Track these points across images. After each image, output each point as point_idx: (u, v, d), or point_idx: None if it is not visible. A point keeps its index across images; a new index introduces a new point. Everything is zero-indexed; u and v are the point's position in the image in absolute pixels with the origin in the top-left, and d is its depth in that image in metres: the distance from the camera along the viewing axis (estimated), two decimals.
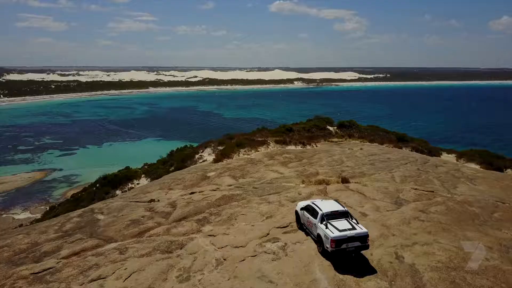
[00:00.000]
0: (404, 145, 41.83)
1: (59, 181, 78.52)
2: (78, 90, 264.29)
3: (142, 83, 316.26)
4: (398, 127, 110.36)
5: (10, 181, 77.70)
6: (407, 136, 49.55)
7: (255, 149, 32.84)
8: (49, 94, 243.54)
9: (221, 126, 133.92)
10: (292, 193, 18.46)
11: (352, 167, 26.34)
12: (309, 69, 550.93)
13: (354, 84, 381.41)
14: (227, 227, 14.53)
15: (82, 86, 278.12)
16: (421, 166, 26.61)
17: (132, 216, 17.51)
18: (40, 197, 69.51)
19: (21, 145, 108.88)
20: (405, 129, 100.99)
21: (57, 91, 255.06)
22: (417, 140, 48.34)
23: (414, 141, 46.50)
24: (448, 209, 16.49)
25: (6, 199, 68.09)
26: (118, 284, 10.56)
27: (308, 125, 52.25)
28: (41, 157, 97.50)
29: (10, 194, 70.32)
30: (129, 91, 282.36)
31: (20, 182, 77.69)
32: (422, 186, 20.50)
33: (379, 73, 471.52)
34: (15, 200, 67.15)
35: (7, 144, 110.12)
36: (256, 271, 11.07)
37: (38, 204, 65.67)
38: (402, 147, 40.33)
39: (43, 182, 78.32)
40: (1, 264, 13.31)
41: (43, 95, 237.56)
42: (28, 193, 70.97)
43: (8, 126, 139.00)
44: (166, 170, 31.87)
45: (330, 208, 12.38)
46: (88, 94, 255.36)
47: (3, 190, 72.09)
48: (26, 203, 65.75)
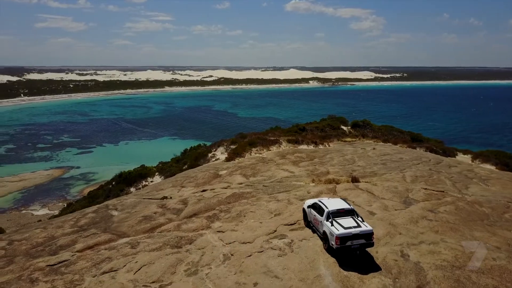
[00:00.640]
0: (418, 145, 41.50)
1: (76, 179, 79.97)
2: (95, 90, 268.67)
3: (158, 82, 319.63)
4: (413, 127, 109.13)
5: (29, 178, 79.52)
6: (422, 136, 49.16)
7: (267, 148, 33.10)
8: (68, 93, 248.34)
9: (235, 125, 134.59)
10: (301, 191, 18.67)
11: (363, 166, 26.38)
12: (325, 69, 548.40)
13: (370, 84, 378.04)
14: (235, 224, 14.86)
15: (100, 86, 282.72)
16: (433, 167, 26.47)
17: (144, 212, 17.97)
18: (58, 194, 70.96)
19: (40, 143, 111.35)
20: (421, 129, 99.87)
21: (75, 90, 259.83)
22: (432, 141, 47.89)
23: (429, 141, 46.10)
24: (457, 209, 16.47)
25: (26, 195, 69.74)
26: (129, 276, 10.98)
27: (321, 124, 52.30)
28: (59, 155, 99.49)
29: (29, 191, 72.03)
30: (145, 90, 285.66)
31: (39, 179, 79.42)
32: (432, 186, 20.45)
33: (395, 72, 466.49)
34: (34, 197, 68.74)
35: (27, 142, 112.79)
36: (262, 266, 11.35)
37: (56, 200, 67.12)
38: (416, 147, 40.01)
39: (61, 179, 79.87)
40: (20, 256, 13.89)
41: (62, 94, 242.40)
42: (46, 190, 72.54)
43: (28, 124, 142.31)
44: (180, 168, 32.42)
45: (336, 206, 12.57)
46: (105, 93, 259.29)
47: (23, 187, 73.86)
48: (44, 200, 67.26)
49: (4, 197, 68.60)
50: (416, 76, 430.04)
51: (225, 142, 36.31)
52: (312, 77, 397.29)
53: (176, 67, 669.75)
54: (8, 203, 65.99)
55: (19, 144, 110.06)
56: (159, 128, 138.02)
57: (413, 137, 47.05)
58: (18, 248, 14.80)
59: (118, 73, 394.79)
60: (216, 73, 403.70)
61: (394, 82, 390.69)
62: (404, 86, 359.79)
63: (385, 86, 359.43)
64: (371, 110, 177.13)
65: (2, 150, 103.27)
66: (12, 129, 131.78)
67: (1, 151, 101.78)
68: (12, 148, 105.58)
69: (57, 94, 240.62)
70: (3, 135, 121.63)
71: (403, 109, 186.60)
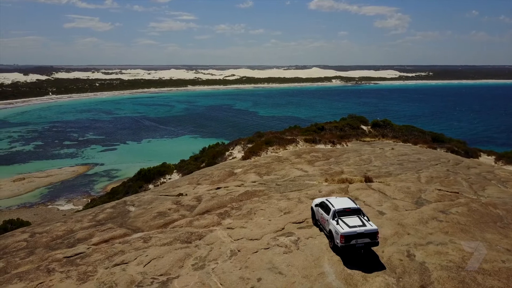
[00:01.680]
0: (439, 145, 40.83)
1: (100, 175, 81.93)
2: (120, 88, 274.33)
3: (181, 81, 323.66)
4: (437, 127, 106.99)
5: (56, 174, 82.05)
6: (443, 137, 48.24)
7: (283, 147, 33.29)
8: (93, 91, 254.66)
9: (255, 124, 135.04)
10: (313, 190, 18.84)
11: (379, 166, 26.26)
12: (348, 67, 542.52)
13: (394, 83, 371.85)
14: (245, 221, 15.19)
15: (124, 84, 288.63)
16: (451, 168, 26.10)
17: (159, 208, 18.54)
18: (82, 190, 72.94)
19: (67, 140, 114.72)
20: (444, 129, 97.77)
21: (101, 89, 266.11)
22: (454, 141, 46.93)
23: (451, 142, 45.21)
24: (470, 210, 16.29)
25: (52, 191, 72.01)
26: (138, 269, 11.47)
27: (341, 124, 52.05)
28: (84, 152, 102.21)
29: (56, 186, 74.30)
30: (168, 89, 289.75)
31: (65, 175, 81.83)
32: (447, 187, 20.23)
33: (421, 71, 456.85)
34: (60, 192, 70.90)
35: (54, 139, 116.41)
36: (267, 263, 11.63)
37: (80, 196, 69.09)
38: (436, 147, 39.39)
39: (86, 175, 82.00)
40: (40, 248, 14.64)
41: (88, 93, 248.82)
42: (71, 186, 74.69)
43: (55, 122, 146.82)
44: (198, 166, 33.00)
45: (342, 205, 12.72)
46: (129, 92, 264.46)
47: (49, 183, 76.28)
48: (69, 195, 69.29)
49: (32, 192, 71.10)
50: (442, 75, 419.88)
51: (242, 140, 36.71)
52: (335, 76, 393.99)
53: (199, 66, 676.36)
54: (36, 198, 68.35)
55: (46, 141, 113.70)
56: (181, 126, 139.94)
57: (434, 137, 46.25)
58: (39, 240, 15.58)
59: (142, 72, 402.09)
60: (238, 72, 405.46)
61: (419, 81, 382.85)
62: (429, 85, 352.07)
63: (409, 85, 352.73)
64: (394, 110, 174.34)
65: (31, 146, 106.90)
66: (40, 127, 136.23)
67: (30, 148, 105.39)
68: (40, 144, 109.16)
69: (83, 93, 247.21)
70: (32, 132, 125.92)
71: (427, 108, 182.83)
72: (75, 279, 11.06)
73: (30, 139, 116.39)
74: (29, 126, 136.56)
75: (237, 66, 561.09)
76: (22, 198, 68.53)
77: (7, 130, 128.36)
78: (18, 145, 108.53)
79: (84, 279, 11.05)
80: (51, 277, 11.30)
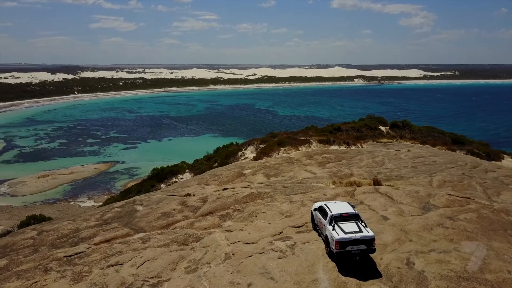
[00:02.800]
0: (458, 147, 39.69)
1: (121, 173, 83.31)
2: (143, 87, 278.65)
3: (203, 80, 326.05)
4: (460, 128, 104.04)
5: (78, 171, 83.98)
6: (464, 138, 46.83)
7: (296, 148, 33.01)
8: (117, 90, 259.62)
9: (274, 123, 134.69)
10: (318, 193, 18.56)
11: (391, 169, 25.70)
12: (371, 66, 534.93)
13: (418, 82, 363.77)
14: (245, 224, 15.10)
15: (147, 83, 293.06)
16: (467, 171, 25.28)
17: (164, 209, 18.67)
18: (103, 187, 74.36)
19: (90, 138, 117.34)
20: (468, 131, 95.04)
21: (124, 88, 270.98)
22: (476, 143, 45.50)
23: (472, 144, 43.84)
24: (479, 217, 15.69)
25: (75, 187, 73.75)
26: (131, 271, 11.55)
27: (358, 124, 51.28)
28: (107, 149, 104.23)
29: (78, 183, 76.06)
30: (190, 88, 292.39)
31: (87, 172, 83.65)
32: (459, 192, 19.58)
33: (446, 70, 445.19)
34: (82, 189, 72.55)
35: (78, 137, 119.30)
36: (260, 267, 11.50)
37: (101, 193, 70.47)
38: (456, 149, 38.31)
39: (107, 173, 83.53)
40: (45, 246, 14.97)
41: (112, 92, 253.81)
42: (93, 183, 76.28)
43: (79, 120, 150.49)
44: (210, 166, 33.13)
45: (340, 210, 12.46)
46: (152, 91, 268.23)
47: (72, 180, 78.18)
48: (91, 192, 70.81)
49: (56, 189, 73.04)
50: (469, 74, 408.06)
51: (255, 141, 36.63)
52: (357, 75, 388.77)
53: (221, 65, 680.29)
54: (59, 195, 70.17)
55: (71, 138, 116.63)
56: (201, 125, 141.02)
57: (454, 139, 44.95)
58: (45, 239, 15.93)
59: (165, 71, 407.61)
60: (259, 72, 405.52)
61: (445, 81, 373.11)
62: (454, 84, 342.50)
63: (434, 84, 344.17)
64: (416, 110, 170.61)
65: (56, 144, 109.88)
66: (65, 125, 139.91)
67: (55, 145, 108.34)
68: (65, 142, 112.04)
69: (107, 92, 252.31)
70: (58, 130, 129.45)
71: (451, 109, 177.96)
72: (69, 279, 11.24)
73: (55, 136, 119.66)
74: (55, 124, 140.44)
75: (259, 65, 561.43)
76: (46, 194, 70.48)
77: (34, 128, 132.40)
78: (43, 142, 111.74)
79: (77, 280, 11.21)
80: (46, 276, 11.52)
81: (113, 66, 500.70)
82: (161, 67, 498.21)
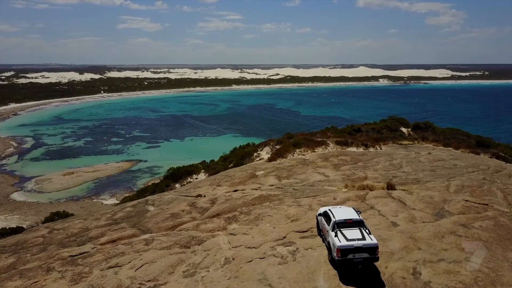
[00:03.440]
0: (483, 150, 38.26)
1: (143, 172, 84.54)
2: (167, 87, 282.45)
3: (226, 80, 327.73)
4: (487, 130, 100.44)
5: (102, 170, 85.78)
6: (490, 141, 45.15)
7: (312, 150, 32.56)
8: (142, 90, 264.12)
9: (296, 123, 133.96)
10: (328, 197, 18.14)
11: (408, 172, 24.94)
12: (397, 66, 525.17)
13: (445, 82, 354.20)
14: (250, 227, 14.87)
15: (171, 83, 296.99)
16: (489, 175, 24.24)
17: (174, 209, 18.68)
18: (126, 185, 75.64)
19: (114, 137, 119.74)
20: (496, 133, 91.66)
21: (149, 87, 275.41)
22: (502, 146, 43.79)
23: (498, 147, 42.22)
24: (496, 225, 14.94)
25: (98, 185, 75.38)
26: (130, 273, 11.52)
27: (378, 125, 50.26)
28: (130, 148, 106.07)
29: (101, 181, 77.69)
30: (213, 88, 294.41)
31: (110, 170, 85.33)
32: (478, 197, 18.75)
33: (475, 70, 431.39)
34: (105, 187, 74.05)
35: (102, 135, 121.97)
36: (259, 273, 11.24)
37: (123, 191, 71.68)
38: (480, 152, 36.94)
39: (130, 171, 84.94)
40: (53, 245, 15.21)
41: (136, 91, 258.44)
42: (116, 181, 77.73)
43: (105, 119, 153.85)
44: (225, 167, 33.10)
45: (344, 216, 12.07)
46: (176, 91, 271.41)
47: (96, 177, 79.94)
48: (113, 190, 72.16)
49: (80, 186, 74.87)
50: (500, 74, 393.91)
51: (271, 142, 36.39)
52: (382, 75, 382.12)
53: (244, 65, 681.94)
54: (82, 192, 71.89)
55: (96, 137, 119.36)
56: (223, 125, 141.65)
57: (479, 142, 43.37)
58: (55, 237, 16.19)
59: (189, 71, 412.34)
60: (283, 71, 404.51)
61: (474, 81, 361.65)
62: (484, 85, 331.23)
63: (462, 85, 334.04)
64: (442, 111, 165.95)
65: (82, 142, 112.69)
66: (91, 123, 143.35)
67: (81, 143, 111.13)
68: (90, 141, 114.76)
69: (132, 91, 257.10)
70: (84, 129, 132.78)
71: (478, 110, 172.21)
72: (68, 280, 11.32)
73: (81, 135, 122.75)
74: (81, 123, 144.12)
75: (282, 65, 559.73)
76: (71, 191, 72.33)
77: (61, 126, 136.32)
78: (70, 140, 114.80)
79: (76, 281, 11.28)
80: (47, 276, 11.66)
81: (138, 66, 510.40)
82: (185, 67, 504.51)
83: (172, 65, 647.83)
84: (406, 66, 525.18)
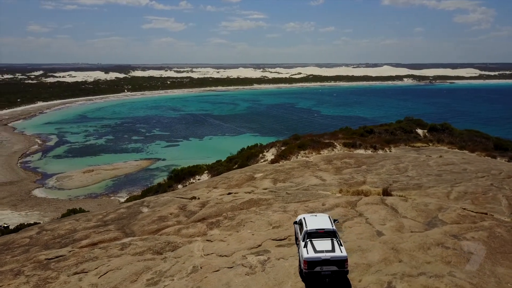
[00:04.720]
0: (501, 154, 36.61)
1: (161, 170, 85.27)
2: (189, 86, 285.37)
3: (248, 80, 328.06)
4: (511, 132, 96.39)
5: (121, 168, 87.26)
6: (509, 143, 43.24)
7: (317, 152, 31.89)
8: (164, 89, 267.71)
9: (314, 123, 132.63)
10: (317, 203, 17.56)
11: (411, 177, 24.01)
12: (422, 65, 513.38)
13: (473, 82, 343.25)
14: (230, 233, 14.51)
15: (193, 82, 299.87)
16: (498, 181, 23.02)
17: (163, 212, 18.53)
18: (143, 183, 76.51)
19: (135, 135, 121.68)
20: None
21: (172, 86, 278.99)
22: None
23: None
24: (490, 236, 14.04)
25: (116, 183, 76.72)
26: (93, 280, 11.35)
27: (392, 127, 49.00)
28: (149, 147, 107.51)
29: (120, 179, 79.02)
30: (235, 88, 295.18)
31: (129, 168, 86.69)
32: (478, 205, 17.76)
33: (506, 69, 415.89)
34: (123, 185, 75.28)
35: (123, 134, 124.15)
36: (223, 284, 10.85)
37: (140, 190, 72.37)
38: (496, 156, 35.37)
39: (148, 170, 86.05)
40: (37, 246, 15.30)
41: (159, 90, 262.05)
42: (133, 179, 78.92)
43: (126, 118, 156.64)
44: (229, 168, 32.88)
45: (316, 225, 11.52)
46: (198, 90, 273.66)
47: (115, 175, 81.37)
48: (131, 188, 73.22)
49: (98, 184, 76.39)
50: None
51: (278, 143, 35.91)
52: (407, 75, 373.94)
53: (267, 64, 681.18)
54: (101, 189, 73.35)
55: (117, 135, 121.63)
56: (242, 124, 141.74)
57: (497, 144, 41.55)
58: (41, 238, 16.31)
59: (212, 71, 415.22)
60: (305, 70, 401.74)
61: (503, 80, 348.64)
62: None
63: (490, 84, 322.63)
64: (466, 111, 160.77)
65: (103, 140, 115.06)
66: (113, 122, 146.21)
67: (102, 142, 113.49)
68: (111, 139, 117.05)
69: (155, 90, 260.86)
70: (106, 127, 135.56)
71: (504, 111, 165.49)
72: (31, 285, 11.24)
73: (103, 133, 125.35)
74: (104, 121, 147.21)
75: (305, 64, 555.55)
76: (89, 188, 73.94)
77: (85, 124, 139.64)
78: (92, 138, 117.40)
79: (39, 286, 11.22)
80: (13, 281, 11.64)
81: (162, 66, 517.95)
82: (208, 67, 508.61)
83: (195, 64, 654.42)
84: (432, 65, 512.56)
